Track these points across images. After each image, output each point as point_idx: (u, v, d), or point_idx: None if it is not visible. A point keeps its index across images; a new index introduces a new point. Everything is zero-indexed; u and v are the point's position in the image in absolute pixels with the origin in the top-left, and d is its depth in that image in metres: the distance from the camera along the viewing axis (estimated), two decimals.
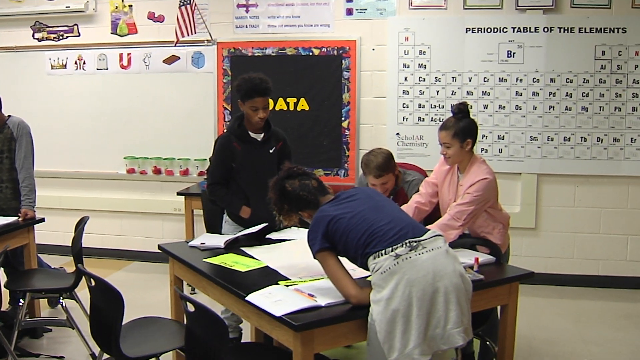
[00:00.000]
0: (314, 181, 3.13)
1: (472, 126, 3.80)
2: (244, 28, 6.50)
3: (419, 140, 6.14)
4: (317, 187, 3.10)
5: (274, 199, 3.12)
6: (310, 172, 3.21)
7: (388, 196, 4.18)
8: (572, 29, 5.81)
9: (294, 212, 3.10)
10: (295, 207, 3.07)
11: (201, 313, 2.80)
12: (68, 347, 4.58)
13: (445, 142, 3.78)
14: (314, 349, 2.70)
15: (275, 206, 3.12)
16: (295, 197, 3.05)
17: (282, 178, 3.12)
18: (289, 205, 3.08)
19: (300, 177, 3.12)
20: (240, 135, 4.24)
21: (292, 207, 3.08)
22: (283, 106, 6.38)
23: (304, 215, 3.09)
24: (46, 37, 7.01)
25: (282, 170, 3.18)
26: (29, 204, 4.76)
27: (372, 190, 3.27)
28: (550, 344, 4.74)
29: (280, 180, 3.12)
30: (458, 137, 3.73)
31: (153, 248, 4.75)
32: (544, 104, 5.93)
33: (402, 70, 6.13)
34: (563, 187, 6.05)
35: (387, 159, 4.08)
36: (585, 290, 5.97)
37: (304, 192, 3.05)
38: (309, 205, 3.05)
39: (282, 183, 3.10)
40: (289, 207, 3.08)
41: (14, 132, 4.80)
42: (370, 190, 3.30)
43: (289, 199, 3.07)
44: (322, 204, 3.01)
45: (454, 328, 2.70)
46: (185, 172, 6.70)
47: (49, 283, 4.53)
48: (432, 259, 2.72)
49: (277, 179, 3.14)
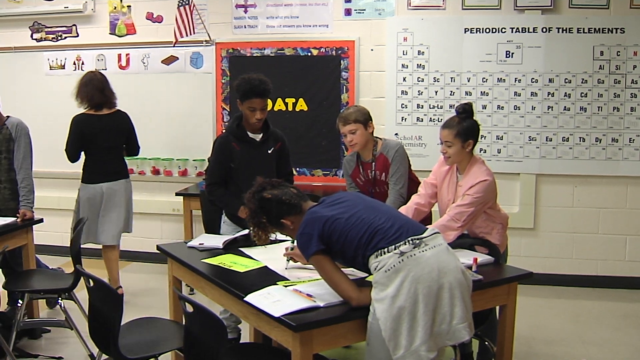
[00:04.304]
0: (293, 189, 3.09)
1: (475, 127, 3.80)
2: (243, 28, 6.50)
3: (418, 140, 6.14)
4: (297, 193, 3.07)
5: (250, 213, 3.05)
6: (285, 183, 3.16)
7: (369, 162, 4.35)
8: (570, 29, 5.82)
9: (272, 223, 3.02)
10: (276, 215, 2.99)
11: (200, 313, 2.80)
12: (67, 348, 4.58)
13: (446, 140, 3.77)
14: (313, 349, 2.70)
15: (252, 220, 3.05)
16: (277, 203, 2.99)
17: (257, 190, 3.06)
18: (269, 215, 3.00)
19: (277, 187, 3.08)
20: (239, 135, 4.24)
21: (271, 218, 3.00)
22: (282, 106, 6.38)
23: (287, 223, 3.00)
24: (45, 37, 7.01)
25: (255, 184, 3.11)
26: (28, 204, 4.76)
27: (359, 194, 3.27)
28: (549, 344, 4.74)
29: (256, 192, 3.05)
30: (460, 136, 3.73)
31: (151, 248, 4.75)
32: (542, 104, 5.94)
33: (401, 70, 6.13)
34: (562, 187, 6.05)
35: (357, 110, 4.29)
36: (583, 290, 5.97)
37: (286, 197, 3.00)
38: (293, 210, 2.99)
39: (259, 194, 3.03)
40: (268, 218, 3.01)
41: (12, 132, 4.80)
42: (356, 194, 3.30)
43: (268, 209, 3.00)
44: (306, 209, 2.98)
45: (460, 323, 2.73)
46: (184, 173, 6.70)
47: (48, 284, 4.53)
48: (436, 255, 2.73)
49: (252, 192, 3.07)
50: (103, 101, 5.32)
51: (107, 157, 5.37)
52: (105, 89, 5.35)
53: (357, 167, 4.43)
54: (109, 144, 5.36)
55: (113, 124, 5.36)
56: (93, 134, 5.24)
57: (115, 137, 5.41)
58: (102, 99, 5.32)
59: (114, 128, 5.36)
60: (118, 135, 5.43)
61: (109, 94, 5.39)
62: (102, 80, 5.36)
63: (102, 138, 5.27)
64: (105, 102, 5.34)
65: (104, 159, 5.34)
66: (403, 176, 4.27)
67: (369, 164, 4.35)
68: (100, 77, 5.37)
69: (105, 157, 5.35)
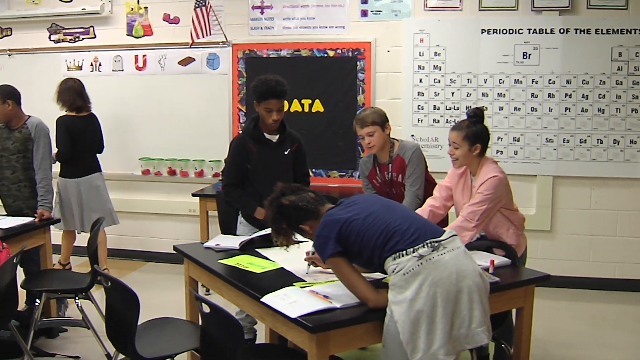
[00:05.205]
0: (311, 193, 3.10)
1: (484, 132, 3.80)
2: (259, 30, 6.51)
3: (434, 142, 6.12)
4: (315, 197, 3.07)
5: (270, 219, 3.06)
6: (304, 187, 3.18)
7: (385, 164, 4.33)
8: (588, 30, 5.78)
9: (293, 228, 3.03)
10: (295, 221, 3.00)
11: (217, 314, 2.80)
12: (83, 347, 4.61)
13: (454, 142, 3.78)
14: (329, 351, 2.70)
15: (272, 226, 3.06)
16: (295, 209, 3.00)
17: (276, 197, 3.06)
18: (288, 221, 3.01)
19: (296, 192, 3.08)
20: (256, 136, 4.24)
21: (291, 223, 3.02)
22: (298, 108, 6.38)
23: (306, 228, 3.01)
24: (62, 39, 7.06)
25: (274, 191, 3.11)
26: (46, 204, 4.80)
27: (376, 195, 3.26)
28: (566, 347, 4.71)
29: (275, 199, 3.06)
30: (468, 140, 3.73)
31: (168, 249, 4.77)
32: (559, 106, 5.90)
33: (417, 71, 6.12)
34: (579, 189, 6.01)
35: (374, 112, 4.28)
36: (601, 293, 5.92)
37: (303, 203, 3.01)
38: (310, 215, 2.99)
39: (278, 200, 3.04)
40: (287, 223, 3.02)
41: (31, 132, 4.88)
42: (374, 195, 3.29)
43: (287, 215, 3.01)
44: (323, 212, 2.99)
45: (478, 327, 2.72)
46: (200, 174, 6.72)
47: (65, 283, 4.56)
48: (455, 259, 2.73)
49: (271, 199, 3.08)
50: (82, 105, 5.84)
51: (85, 154, 5.83)
52: (83, 93, 5.88)
53: (373, 168, 4.42)
54: (87, 143, 5.83)
55: (91, 125, 5.92)
56: (76, 134, 5.66)
57: (92, 136, 5.93)
58: (82, 103, 5.84)
59: (92, 129, 5.92)
60: (94, 135, 5.96)
61: (86, 98, 5.92)
62: (81, 86, 5.88)
63: (82, 137, 5.70)
64: (84, 105, 5.86)
65: (84, 155, 5.79)
66: (420, 178, 4.27)
67: (386, 165, 4.34)
68: (79, 83, 5.89)
69: (84, 154, 5.78)
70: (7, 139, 4.93)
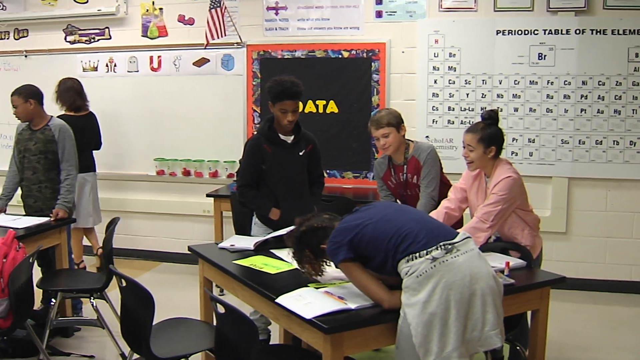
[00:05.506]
0: (325, 215, 3.13)
1: (499, 134, 3.78)
2: (274, 31, 6.52)
3: (449, 143, 6.10)
4: (330, 217, 3.10)
5: (294, 251, 3.10)
6: (319, 213, 3.20)
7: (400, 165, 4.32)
8: (604, 31, 5.74)
9: (315, 252, 3.03)
10: (316, 243, 3.00)
11: (231, 314, 2.81)
12: (98, 347, 4.64)
13: (469, 144, 3.77)
14: (344, 352, 2.70)
15: (296, 256, 3.09)
16: (312, 231, 3.03)
17: (294, 229, 3.12)
18: (309, 246, 3.03)
19: (310, 219, 3.11)
20: (271, 137, 4.25)
21: (312, 247, 3.02)
22: (312, 109, 6.38)
23: (325, 247, 2.99)
24: (78, 40, 7.10)
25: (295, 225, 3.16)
26: (64, 203, 4.82)
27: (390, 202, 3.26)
28: (582, 350, 4.68)
29: (294, 232, 3.11)
30: (483, 142, 3.72)
31: (182, 249, 4.79)
32: (575, 107, 5.87)
33: (432, 72, 6.10)
34: (594, 191, 5.97)
35: (389, 113, 4.27)
36: (617, 295, 5.88)
37: (317, 223, 3.04)
38: (328, 233, 2.99)
39: (296, 231, 3.09)
40: (309, 249, 3.03)
41: (55, 134, 4.91)
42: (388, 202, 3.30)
43: (307, 240, 3.03)
44: None
45: (492, 330, 2.71)
46: (215, 174, 6.74)
47: (81, 283, 4.58)
48: (468, 261, 2.72)
49: (289, 233, 3.16)
50: (81, 104, 6.09)
51: (84, 153, 5.80)
52: (82, 93, 6.13)
53: (388, 169, 4.42)
54: (85, 141, 5.91)
55: (90, 124, 6.15)
56: (75, 132, 5.51)
57: (90, 135, 6.15)
58: (81, 102, 6.09)
59: (90, 127, 6.09)
60: (92, 133, 6.20)
61: (85, 97, 6.15)
62: (80, 86, 6.13)
63: (81, 136, 5.67)
64: (83, 105, 6.11)
65: (82, 155, 5.67)
66: (435, 179, 4.26)
67: (401, 166, 4.34)
68: (78, 83, 6.13)
69: (82, 153, 5.70)
70: (29, 139, 4.95)
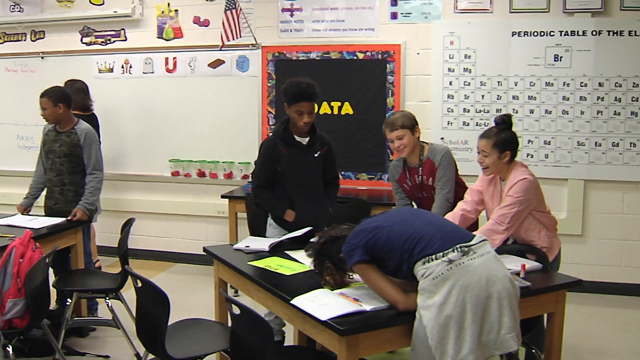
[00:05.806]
0: (344, 226, 3.14)
1: (513, 139, 3.77)
2: (289, 32, 6.53)
3: (464, 145, 6.08)
4: (349, 226, 3.10)
5: (315, 265, 3.12)
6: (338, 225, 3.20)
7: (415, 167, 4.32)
8: (621, 32, 5.70)
9: (336, 262, 3.03)
10: (336, 253, 3.01)
11: (247, 315, 2.82)
12: (113, 347, 4.66)
13: (483, 150, 3.77)
14: (359, 354, 2.70)
15: (318, 268, 3.10)
16: (331, 241, 3.05)
17: (315, 243, 3.14)
18: (329, 257, 3.04)
19: (331, 230, 3.14)
20: (286, 138, 4.25)
21: (332, 258, 3.03)
22: (327, 110, 6.38)
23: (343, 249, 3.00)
24: (94, 41, 7.14)
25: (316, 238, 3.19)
26: (85, 204, 4.84)
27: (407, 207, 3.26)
28: (598, 354, 4.65)
29: (313, 244, 3.14)
30: (497, 147, 3.71)
31: (197, 250, 4.80)
32: (591, 109, 5.83)
33: (447, 74, 6.08)
34: (611, 193, 5.93)
35: (404, 115, 4.27)
36: (634, 299, 5.84)
37: (336, 233, 3.07)
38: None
39: (315, 245, 3.12)
40: (330, 260, 3.04)
41: (81, 139, 4.94)
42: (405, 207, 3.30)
43: (327, 251, 3.05)
44: None
45: (508, 333, 2.70)
46: (229, 176, 6.75)
47: (96, 283, 4.61)
48: (485, 264, 2.71)
49: (309, 245, 3.20)
50: (89, 105, 6.17)
51: None
52: (89, 94, 6.22)
53: (403, 172, 4.41)
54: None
55: (93, 124, 5.90)
56: None
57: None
58: (89, 103, 6.17)
59: (94, 127, 5.91)
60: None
61: (90, 98, 6.23)
62: (87, 87, 6.22)
63: None
64: (90, 105, 6.19)
65: None
66: (450, 181, 4.25)
67: (416, 168, 4.33)
68: (85, 84, 6.23)
69: None
70: (54, 141, 4.98)
